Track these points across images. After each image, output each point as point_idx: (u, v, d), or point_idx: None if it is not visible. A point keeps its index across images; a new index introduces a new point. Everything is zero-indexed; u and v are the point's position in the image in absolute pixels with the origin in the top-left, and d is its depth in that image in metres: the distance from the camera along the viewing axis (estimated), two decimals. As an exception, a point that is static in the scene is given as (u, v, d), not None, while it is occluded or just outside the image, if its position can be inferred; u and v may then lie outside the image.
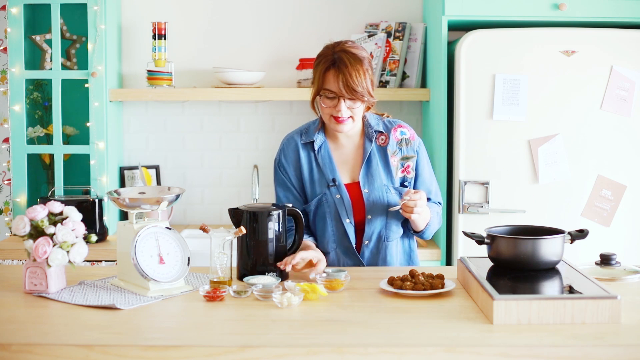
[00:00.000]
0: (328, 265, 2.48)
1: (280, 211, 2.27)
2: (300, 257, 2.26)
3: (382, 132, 2.52)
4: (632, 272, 2.28)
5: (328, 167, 2.49)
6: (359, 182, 2.49)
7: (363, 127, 2.53)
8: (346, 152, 2.53)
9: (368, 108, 2.50)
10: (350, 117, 2.41)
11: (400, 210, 2.37)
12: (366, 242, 2.50)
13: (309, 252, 2.30)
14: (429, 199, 2.55)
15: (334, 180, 2.48)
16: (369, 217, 2.47)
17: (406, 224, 2.54)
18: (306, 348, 1.68)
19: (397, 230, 2.52)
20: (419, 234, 2.52)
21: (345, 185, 2.49)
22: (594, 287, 1.94)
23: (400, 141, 2.52)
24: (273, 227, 2.25)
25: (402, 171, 2.51)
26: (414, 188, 2.53)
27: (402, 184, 2.52)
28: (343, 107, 2.38)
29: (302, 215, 2.35)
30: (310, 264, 2.30)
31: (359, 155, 2.52)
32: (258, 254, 2.25)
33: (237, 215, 2.29)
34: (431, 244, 3.39)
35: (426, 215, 2.45)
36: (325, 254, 2.49)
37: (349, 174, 2.52)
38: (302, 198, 2.54)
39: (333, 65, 2.37)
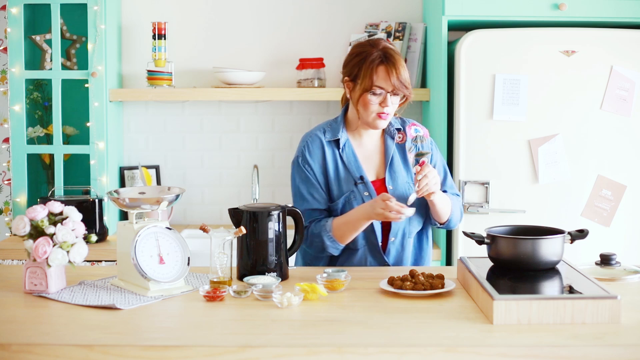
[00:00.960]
0: (355, 264, 2.49)
1: (280, 211, 2.27)
2: (387, 196, 2.29)
3: (400, 129, 2.55)
4: (632, 272, 2.28)
5: (354, 165, 2.50)
6: (383, 178, 2.51)
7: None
8: (368, 150, 2.54)
9: (402, 103, 2.51)
10: (389, 113, 2.43)
11: (417, 194, 2.35)
12: (392, 238, 2.50)
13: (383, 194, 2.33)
14: (444, 191, 2.55)
15: (361, 177, 2.48)
16: None
17: (429, 219, 2.54)
18: (306, 348, 1.68)
19: (417, 226, 2.53)
20: (445, 224, 2.52)
21: (371, 182, 2.50)
22: (594, 287, 1.94)
23: (415, 138, 2.53)
24: (273, 227, 2.25)
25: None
26: None
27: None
28: (394, 101, 2.41)
29: (302, 216, 2.35)
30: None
31: (381, 153, 2.54)
32: (258, 254, 2.25)
33: (237, 215, 2.29)
34: (431, 244, 3.39)
35: (444, 198, 2.46)
36: (354, 251, 2.50)
37: (373, 172, 2.53)
38: (327, 196, 2.52)
39: (383, 61, 2.39)
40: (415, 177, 2.36)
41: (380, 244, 2.49)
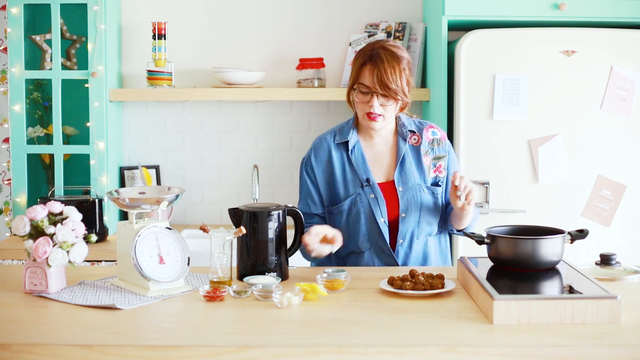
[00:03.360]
0: (363, 265, 2.49)
1: (280, 211, 2.27)
2: (315, 232, 2.27)
3: (414, 132, 2.53)
4: (632, 272, 2.28)
5: (361, 167, 2.50)
6: (393, 180, 2.50)
7: (396, 127, 2.54)
8: (380, 151, 2.53)
9: (402, 109, 2.50)
10: (381, 115, 2.41)
11: (459, 202, 2.33)
12: (400, 241, 2.49)
13: (323, 227, 2.31)
14: None
15: (367, 180, 2.48)
16: (403, 215, 2.47)
17: (445, 225, 2.54)
18: (306, 348, 1.68)
19: (427, 228, 2.51)
20: (462, 230, 2.51)
21: (379, 184, 2.50)
22: (594, 287, 1.93)
23: (432, 141, 2.53)
24: (273, 227, 2.25)
25: (435, 171, 2.52)
26: (445, 187, 2.54)
27: (435, 184, 2.52)
28: (376, 103, 2.39)
29: (302, 216, 2.35)
30: (326, 240, 2.31)
31: (392, 155, 2.53)
32: (258, 254, 2.25)
33: (237, 215, 2.29)
34: (431, 244, 3.39)
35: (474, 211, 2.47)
36: (360, 253, 2.49)
37: (383, 173, 2.52)
38: (323, 201, 2.52)
39: (370, 60, 2.39)
40: (453, 183, 2.34)
41: (389, 246, 2.49)
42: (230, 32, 3.80)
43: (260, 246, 2.24)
